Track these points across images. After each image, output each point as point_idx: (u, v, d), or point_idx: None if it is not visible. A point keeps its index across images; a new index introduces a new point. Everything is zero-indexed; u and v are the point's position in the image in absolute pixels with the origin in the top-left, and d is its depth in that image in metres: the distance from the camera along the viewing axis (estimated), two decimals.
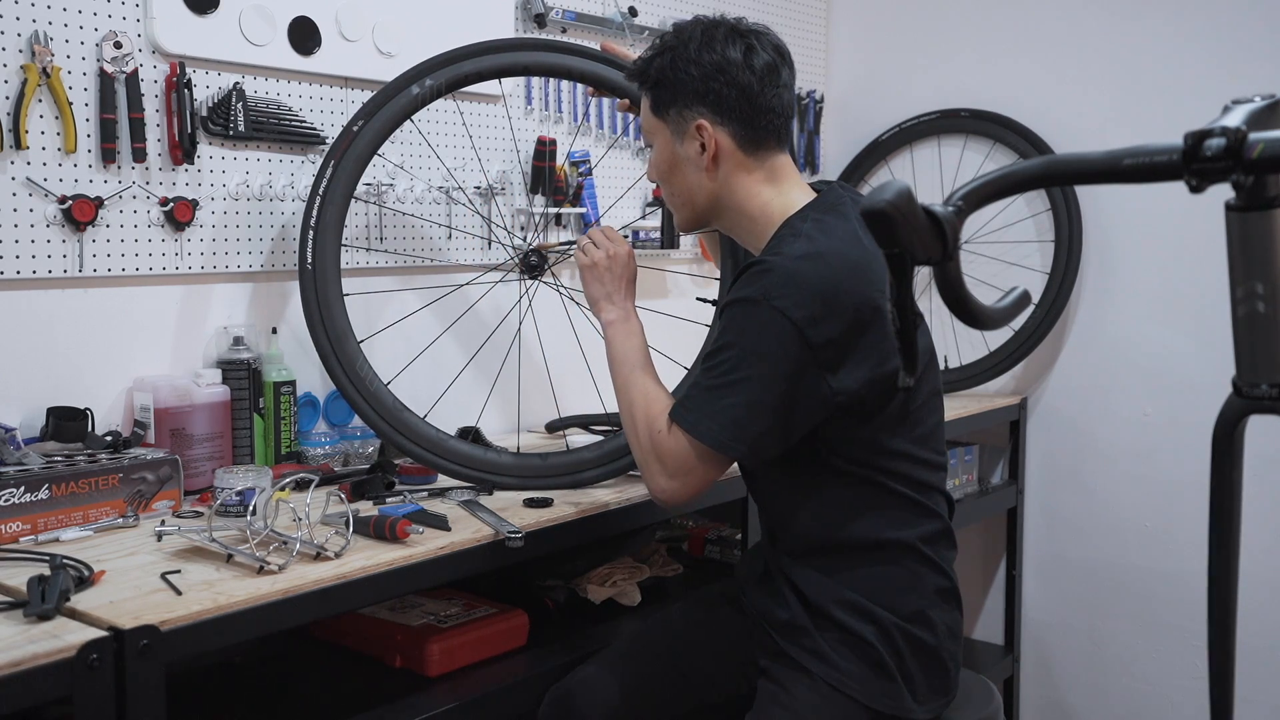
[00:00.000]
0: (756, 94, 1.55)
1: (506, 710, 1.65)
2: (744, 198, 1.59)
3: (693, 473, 1.54)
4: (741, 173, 1.58)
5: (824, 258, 1.47)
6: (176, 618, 1.21)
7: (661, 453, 1.56)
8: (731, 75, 1.54)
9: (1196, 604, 1.11)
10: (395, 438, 1.83)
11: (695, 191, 1.61)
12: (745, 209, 1.59)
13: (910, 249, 0.88)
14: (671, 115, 1.59)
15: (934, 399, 1.62)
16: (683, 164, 1.60)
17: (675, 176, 1.62)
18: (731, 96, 1.54)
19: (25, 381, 1.69)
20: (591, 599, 1.96)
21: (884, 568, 1.55)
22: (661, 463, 1.56)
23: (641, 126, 1.68)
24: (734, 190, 1.59)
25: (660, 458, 1.56)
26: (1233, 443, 0.95)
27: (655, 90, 1.60)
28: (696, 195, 1.61)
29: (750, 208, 1.59)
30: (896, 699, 1.52)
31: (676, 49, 1.57)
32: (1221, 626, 0.98)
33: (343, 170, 1.84)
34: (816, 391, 1.49)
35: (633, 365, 1.67)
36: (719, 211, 1.62)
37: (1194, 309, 2.70)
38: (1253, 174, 0.81)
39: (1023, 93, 2.95)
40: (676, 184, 1.63)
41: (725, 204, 1.61)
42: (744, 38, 1.56)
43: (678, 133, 1.59)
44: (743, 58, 1.55)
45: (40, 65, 1.65)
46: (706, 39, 1.56)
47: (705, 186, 1.60)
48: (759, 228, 1.59)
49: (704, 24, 1.58)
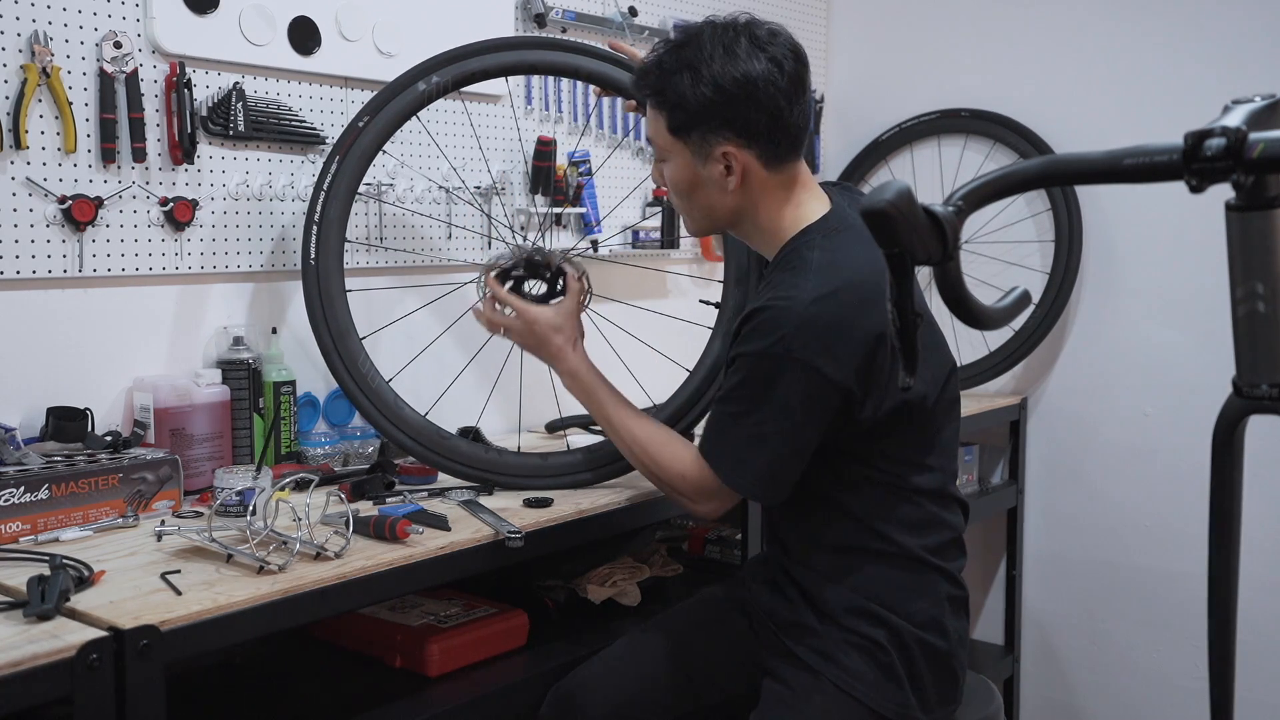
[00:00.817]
0: (784, 112, 1.49)
1: (506, 710, 1.65)
2: (761, 211, 1.56)
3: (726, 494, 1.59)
4: (763, 189, 1.55)
5: (836, 296, 1.45)
6: (176, 618, 1.21)
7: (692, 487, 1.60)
8: (759, 98, 1.47)
9: (1196, 604, 1.10)
10: (396, 435, 1.83)
11: (717, 209, 1.58)
12: (760, 222, 1.58)
13: (910, 249, 0.88)
14: (694, 138, 1.52)
15: (953, 408, 1.61)
16: (705, 184, 1.56)
17: (696, 194, 1.58)
18: (761, 121, 1.48)
19: (25, 381, 1.69)
20: (591, 599, 1.96)
21: (897, 574, 1.55)
22: (696, 494, 1.60)
23: (650, 137, 1.61)
24: (755, 205, 1.56)
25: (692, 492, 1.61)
26: (1233, 443, 0.95)
27: (674, 112, 1.52)
28: (718, 212, 1.58)
29: (764, 222, 1.57)
30: (903, 705, 1.52)
31: (696, 67, 1.48)
32: (1221, 626, 0.98)
33: (347, 166, 1.84)
34: (842, 423, 1.50)
35: (607, 418, 1.69)
36: (737, 223, 1.61)
37: (1194, 309, 2.70)
38: (1253, 174, 0.81)
39: (1023, 93, 2.95)
40: (697, 201, 1.59)
41: (744, 216, 1.58)
42: (764, 48, 1.48)
43: (699, 154, 1.53)
44: (769, 73, 1.47)
45: (40, 65, 1.65)
46: (728, 54, 1.47)
47: (729, 204, 1.57)
48: (770, 240, 1.58)
49: (720, 33, 1.49)
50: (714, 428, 1.57)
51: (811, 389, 1.46)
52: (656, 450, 1.64)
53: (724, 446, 1.55)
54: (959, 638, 1.57)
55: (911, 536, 1.55)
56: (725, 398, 1.54)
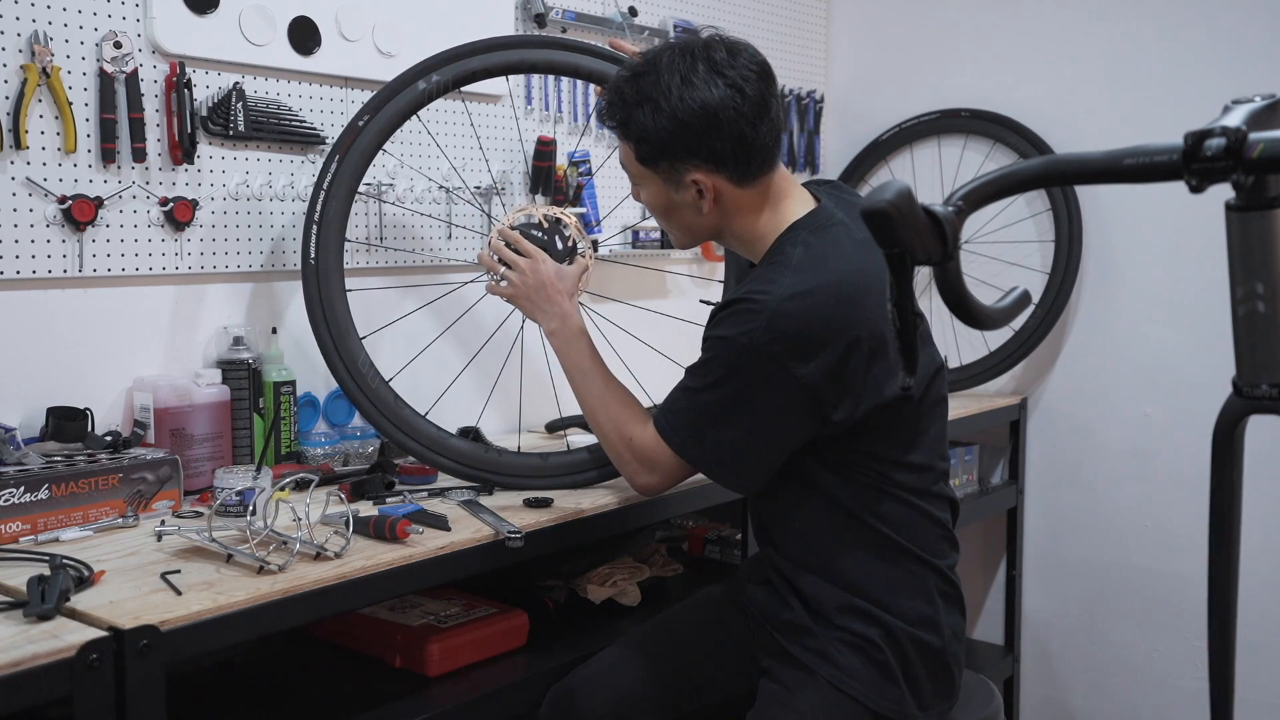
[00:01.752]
0: (749, 135, 1.48)
1: (506, 710, 1.65)
2: (739, 224, 1.58)
3: (671, 470, 1.62)
4: (737, 206, 1.56)
5: (813, 294, 1.45)
6: (176, 618, 1.21)
7: (639, 454, 1.63)
8: (720, 126, 1.46)
9: (1196, 603, 1.11)
10: (396, 435, 1.83)
11: (695, 228, 1.61)
12: (740, 233, 1.60)
13: (910, 249, 0.88)
14: (662, 167, 1.53)
15: (939, 406, 1.61)
16: (679, 208, 1.58)
17: (673, 216, 1.61)
18: (725, 149, 1.48)
19: (25, 381, 1.69)
20: (591, 599, 1.96)
21: (889, 572, 1.55)
22: (640, 462, 1.63)
23: (623, 164, 1.61)
24: (732, 220, 1.58)
25: (637, 458, 1.63)
26: (1233, 443, 0.95)
27: (640, 144, 1.52)
28: (697, 230, 1.62)
29: (744, 231, 1.59)
30: (899, 703, 1.52)
31: (655, 99, 1.47)
32: (1221, 626, 0.98)
33: (347, 165, 1.84)
34: (813, 424, 1.51)
35: (582, 370, 1.70)
36: (719, 236, 1.63)
37: (1194, 309, 2.70)
38: (1253, 174, 0.81)
39: (1023, 93, 2.95)
40: (675, 221, 1.62)
41: (724, 230, 1.61)
42: (723, 73, 1.46)
43: (670, 181, 1.54)
44: (729, 99, 1.45)
45: (40, 65, 1.65)
46: (685, 83, 1.45)
47: (705, 224, 1.59)
48: (755, 245, 1.59)
49: (678, 61, 1.47)
50: (672, 402, 1.59)
51: (776, 386, 1.46)
52: (617, 410, 1.66)
53: (680, 419, 1.57)
54: (953, 634, 1.57)
55: (899, 533, 1.55)
56: (690, 375, 1.57)
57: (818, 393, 1.47)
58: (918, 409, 1.55)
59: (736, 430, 1.52)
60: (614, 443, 1.66)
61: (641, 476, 1.64)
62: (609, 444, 1.68)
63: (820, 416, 1.49)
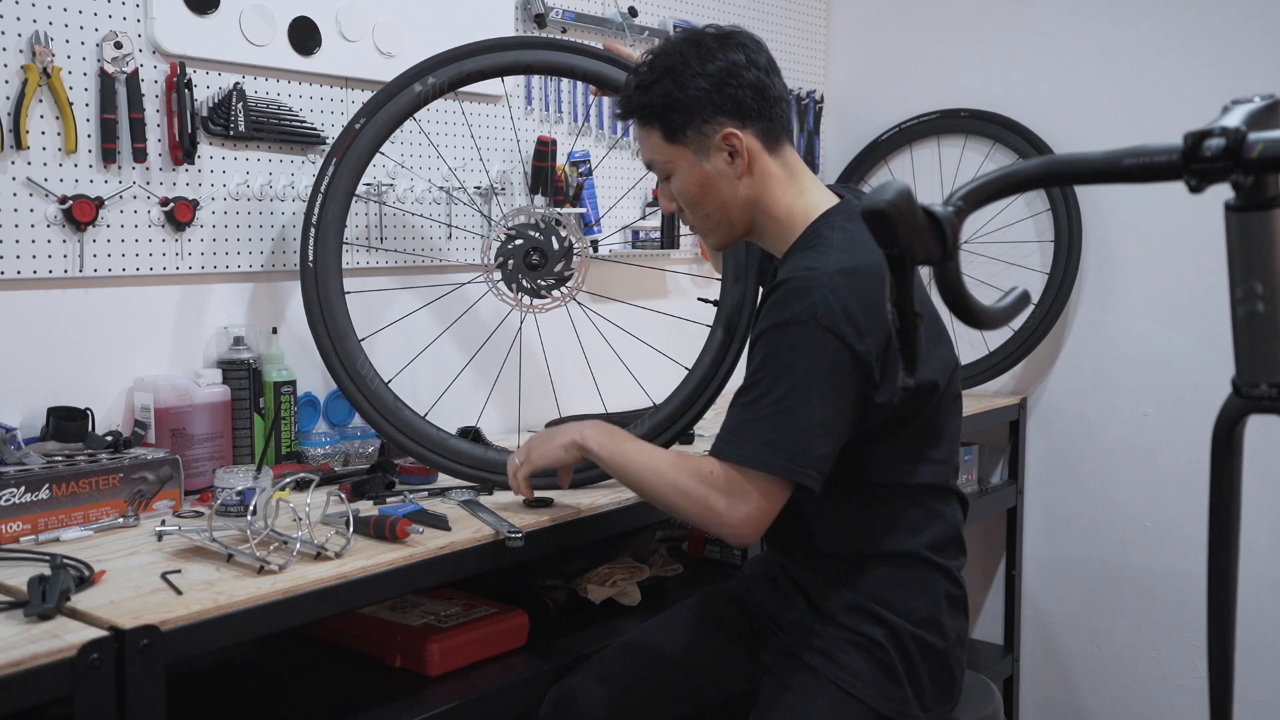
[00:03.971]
0: (767, 86, 1.54)
1: (506, 710, 1.65)
2: (771, 200, 1.57)
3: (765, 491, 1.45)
4: (768, 175, 1.56)
5: (859, 272, 1.44)
6: (177, 618, 1.21)
7: (721, 486, 1.46)
8: (743, 77, 1.52)
9: (1196, 603, 1.11)
10: (396, 436, 1.83)
11: (731, 205, 1.57)
12: (773, 211, 1.57)
13: (910, 249, 0.88)
14: (690, 135, 1.53)
15: (955, 403, 1.62)
16: (714, 180, 1.55)
17: (708, 196, 1.57)
18: (748, 97, 1.52)
19: (25, 381, 1.69)
20: (591, 599, 1.96)
21: (897, 573, 1.55)
22: (727, 495, 1.46)
23: (648, 160, 1.61)
24: (765, 192, 1.56)
25: (723, 491, 1.46)
26: (1232, 443, 0.94)
27: (665, 117, 1.54)
28: (733, 209, 1.57)
29: (778, 210, 1.57)
30: (903, 704, 1.52)
31: (675, 70, 1.52)
32: (1221, 626, 0.98)
33: (345, 168, 1.84)
34: (862, 407, 1.47)
35: (630, 455, 1.57)
36: (752, 218, 1.59)
37: (1194, 309, 2.70)
38: (1252, 174, 0.80)
39: (1023, 93, 2.95)
40: (711, 203, 1.58)
41: (758, 209, 1.58)
42: (728, 39, 1.54)
43: (701, 150, 1.54)
44: (742, 56, 1.53)
45: (40, 65, 1.65)
46: (700, 52, 1.52)
47: (741, 196, 1.56)
48: (785, 230, 1.58)
49: (686, 40, 1.55)
50: (734, 421, 1.49)
51: (835, 358, 1.43)
52: (675, 459, 1.53)
53: (745, 434, 1.46)
54: (957, 636, 1.57)
55: (912, 535, 1.55)
56: (746, 387, 1.49)
57: (870, 371, 1.44)
58: (939, 404, 1.55)
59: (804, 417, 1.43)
60: (691, 490, 1.49)
61: (736, 510, 1.45)
62: (687, 494, 1.49)
63: (866, 400, 1.47)
